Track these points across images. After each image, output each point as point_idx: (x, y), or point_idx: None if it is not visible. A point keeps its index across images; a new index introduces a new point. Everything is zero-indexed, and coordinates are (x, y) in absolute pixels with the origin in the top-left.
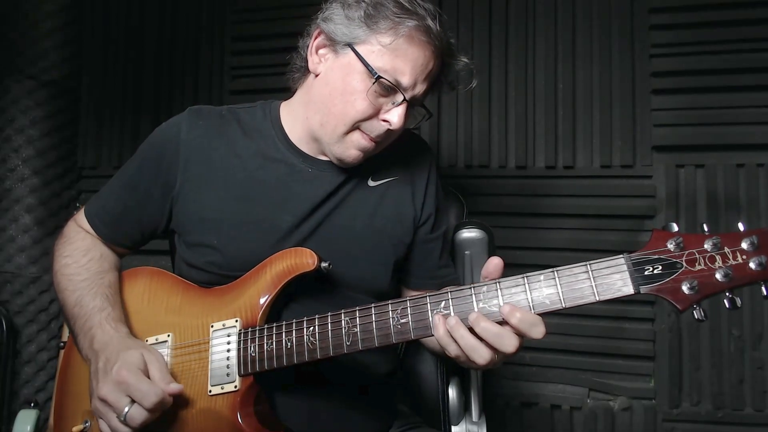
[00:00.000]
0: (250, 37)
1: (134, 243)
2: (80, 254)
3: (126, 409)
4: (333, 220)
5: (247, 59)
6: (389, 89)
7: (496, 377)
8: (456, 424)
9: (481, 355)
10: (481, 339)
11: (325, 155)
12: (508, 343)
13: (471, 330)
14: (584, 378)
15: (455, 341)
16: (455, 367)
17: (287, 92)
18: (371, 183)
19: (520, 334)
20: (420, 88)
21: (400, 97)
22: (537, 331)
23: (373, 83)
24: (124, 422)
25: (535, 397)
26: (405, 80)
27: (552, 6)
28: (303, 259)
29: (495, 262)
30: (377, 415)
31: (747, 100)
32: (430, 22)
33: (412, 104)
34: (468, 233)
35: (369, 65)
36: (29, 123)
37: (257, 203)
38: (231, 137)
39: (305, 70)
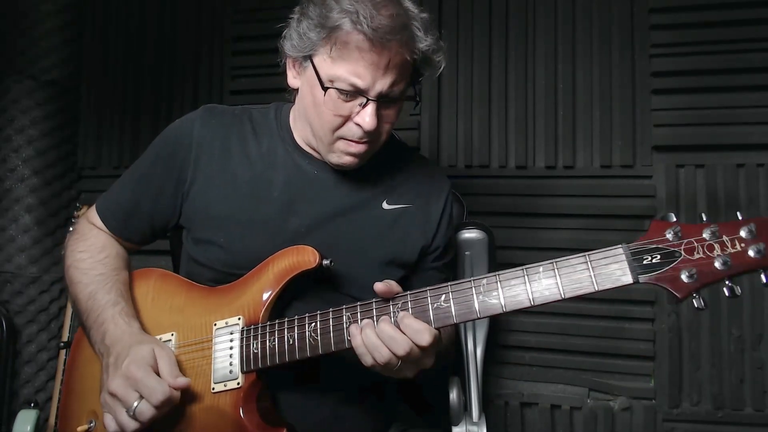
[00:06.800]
0: (250, 37)
1: (143, 239)
2: (96, 250)
3: (135, 404)
4: (342, 234)
5: (247, 59)
6: (350, 94)
7: (496, 377)
8: (456, 424)
9: (381, 354)
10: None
11: None
12: (398, 347)
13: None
14: (584, 378)
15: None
16: (455, 367)
17: (287, 92)
18: (386, 206)
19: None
20: (384, 83)
21: (363, 100)
22: (421, 338)
23: (324, 94)
24: (133, 417)
25: (535, 397)
26: (361, 83)
27: (552, 6)
28: (305, 257)
29: (379, 289)
30: (377, 414)
31: (747, 100)
32: (366, 21)
33: (384, 101)
34: (468, 234)
35: (320, 76)
36: (29, 123)
37: (264, 203)
38: (242, 137)
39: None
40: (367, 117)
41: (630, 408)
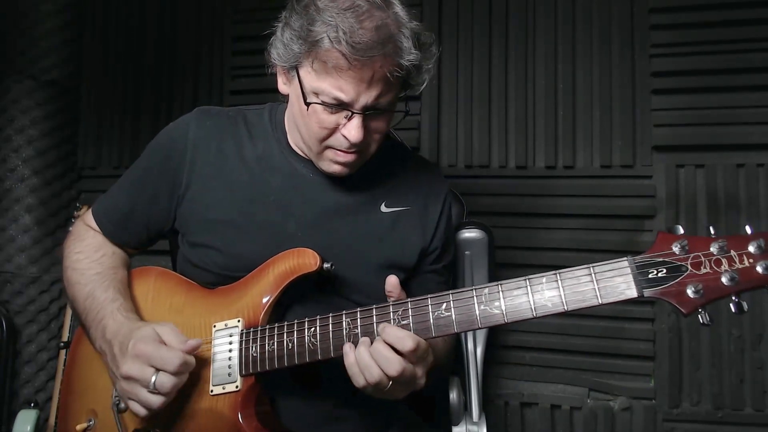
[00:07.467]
0: (250, 37)
1: (140, 243)
2: (92, 250)
3: (153, 378)
4: (340, 237)
5: (247, 59)
6: (335, 107)
7: (496, 377)
8: (456, 424)
9: (371, 374)
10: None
11: None
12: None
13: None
14: (584, 378)
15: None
16: (455, 367)
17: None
18: (384, 209)
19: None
20: (369, 97)
21: (348, 113)
22: (404, 344)
23: (307, 108)
24: (154, 391)
25: (535, 397)
26: (345, 96)
27: (552, 6)
28: (306, 260)
29: (392, 281)
30: (377, 415)
31: (747, 100)
32: (345, 37)
33: (371, 113)
34: (468, 233)
35: (304, 89)
36: (29, 123)
37: (262, 206)
38: (237, 139)
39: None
40: (353, 130)
41: (630, 408)
